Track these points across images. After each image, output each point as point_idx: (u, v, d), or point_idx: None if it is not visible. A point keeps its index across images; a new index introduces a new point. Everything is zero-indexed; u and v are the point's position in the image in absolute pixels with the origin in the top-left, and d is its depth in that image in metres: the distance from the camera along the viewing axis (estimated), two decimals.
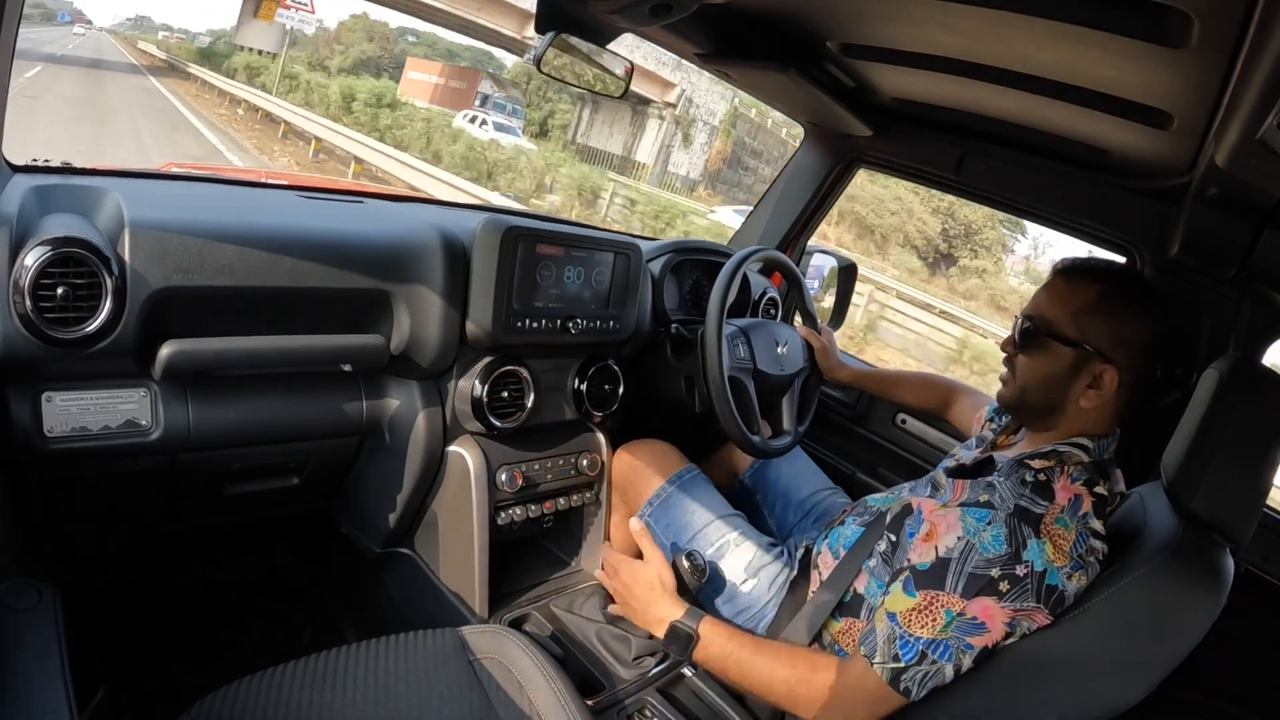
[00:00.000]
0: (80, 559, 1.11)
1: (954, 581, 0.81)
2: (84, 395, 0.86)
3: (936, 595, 0.81)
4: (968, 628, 0.80)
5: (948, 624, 0.80)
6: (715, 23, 1.13)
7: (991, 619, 0.79)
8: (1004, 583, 0.79)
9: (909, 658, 0.81)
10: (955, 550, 0.82)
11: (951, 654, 0.80)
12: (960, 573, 0.81)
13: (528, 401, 1.18)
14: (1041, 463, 0.88)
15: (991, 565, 0.80)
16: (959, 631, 0.80)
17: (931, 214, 20.50)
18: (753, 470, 1.43)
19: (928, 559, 0.84)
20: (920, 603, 0.82)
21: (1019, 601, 0.79)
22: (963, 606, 0.80)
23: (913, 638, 0.81)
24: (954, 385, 1.37)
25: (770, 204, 1.73)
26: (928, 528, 0.88)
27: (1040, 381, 0.91)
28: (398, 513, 1.18)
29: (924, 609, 0.82)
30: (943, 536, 0.85)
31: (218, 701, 0.78)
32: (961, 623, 0.80)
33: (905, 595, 0.83)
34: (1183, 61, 0.71)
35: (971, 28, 0.86)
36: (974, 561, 0.81)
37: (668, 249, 1.48)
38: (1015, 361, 0.94)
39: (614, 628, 1.14)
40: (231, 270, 0.89)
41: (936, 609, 0.81)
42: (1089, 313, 0.88)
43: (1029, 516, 0.81)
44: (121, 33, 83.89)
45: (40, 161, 0.97)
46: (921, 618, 0.81)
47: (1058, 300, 0.91)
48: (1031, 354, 0.92)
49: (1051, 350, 0.90)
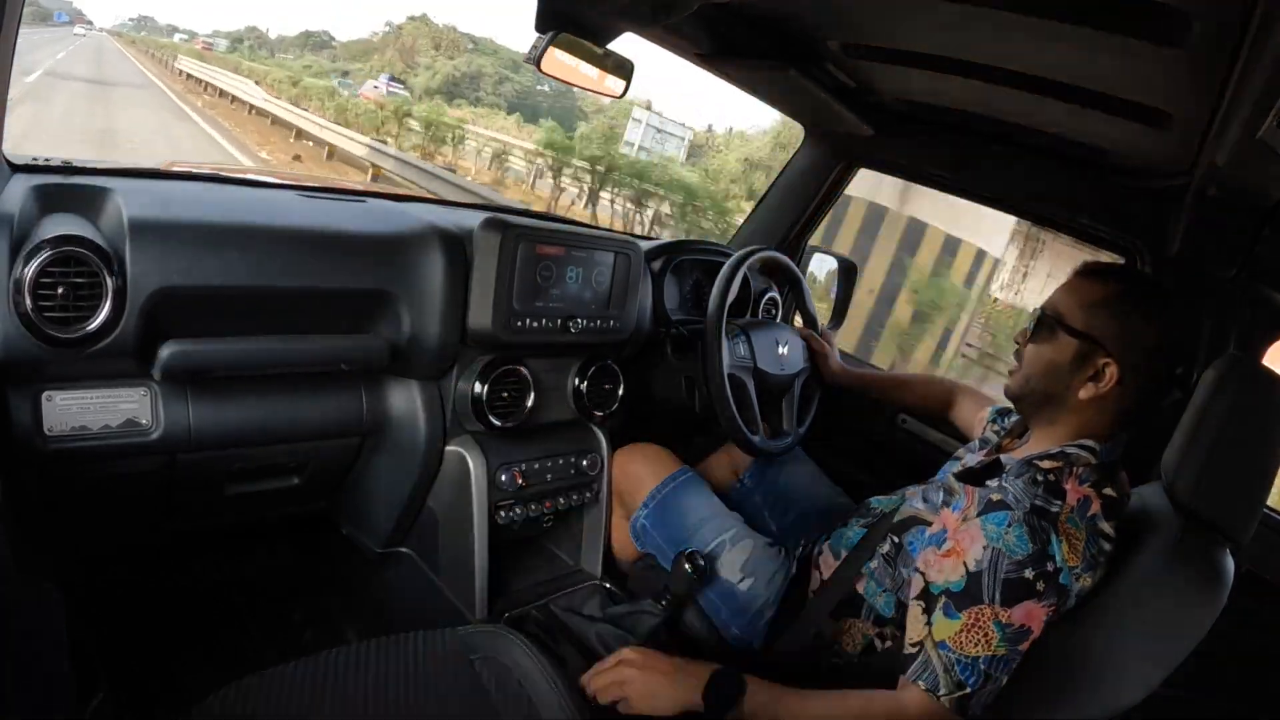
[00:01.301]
0: (81, 559, 1.11)
1: (991, 592, 0.80)
2: (84, 395, 0.86)
3: (980, 611, 0.80)
4: (1018, 636, 0.79)
5: (1001, 638, 0.79)
6: (715, 22, 1.13)
7: (1034, 620, 0.79)
8: (1040, 582, 0.79)
9: (974, 682, 0.79)
10: (985, 561, 0.81)
11: (1010, 665, 0.80)
12: (995, 581, 0.80)
13: (528, 401, 1.18)
14: (1050, 463, 0.88)
15: (1023, 567, 0.79)
16: (1010, 643, 0.79)
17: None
18: (753, 470, 1.43)
19: (958, 576, 0.83)
20: (966, 622, 0.81)
21: (1049, 599, 0.79)
22: (1008, 616, 0.79)
23: (970, 659, 0.79)
24: (956, 386, 1.37)
25: (770, 204, 1.73)
26: (951, 544, 0.87)
27: (1043, 369, 0.92)
28: (398, 512, 1.18)
29: (971, 627, 0.80)
30: (968, 551, 0.84)
31: (218, 702, 0.78)
32: (1011, 633, 0.79)
33: (949, 620, 0.82)
34: (1183, 61, 0.71)
35: (972, 28, 0.86)
36: (1005, 567, 0.80)
37: (668, 248, 1.48)
38: (1024, 352, 0.97)
39: (614, 627, 1.14)
40: (232, 270, 0.89)
41: (985, 623, 0.80)
42: (1097, 307, 0.90)
43: (1046, 515, 0.81)
44: (126, 34, 79.03)
45: (41, 160, 0.97)
46: (973, 636, 0.80)
47: (1071, 294, 0.93)
48: (1039, 343, 0.94)
49: (1058, 340, 0.91)
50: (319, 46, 65.32)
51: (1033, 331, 0.95)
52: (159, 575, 1.36)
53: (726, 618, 1.14)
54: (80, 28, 65.10)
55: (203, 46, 51.47)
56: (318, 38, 68.57)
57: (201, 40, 65.59)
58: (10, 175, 0.89)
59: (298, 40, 68.91)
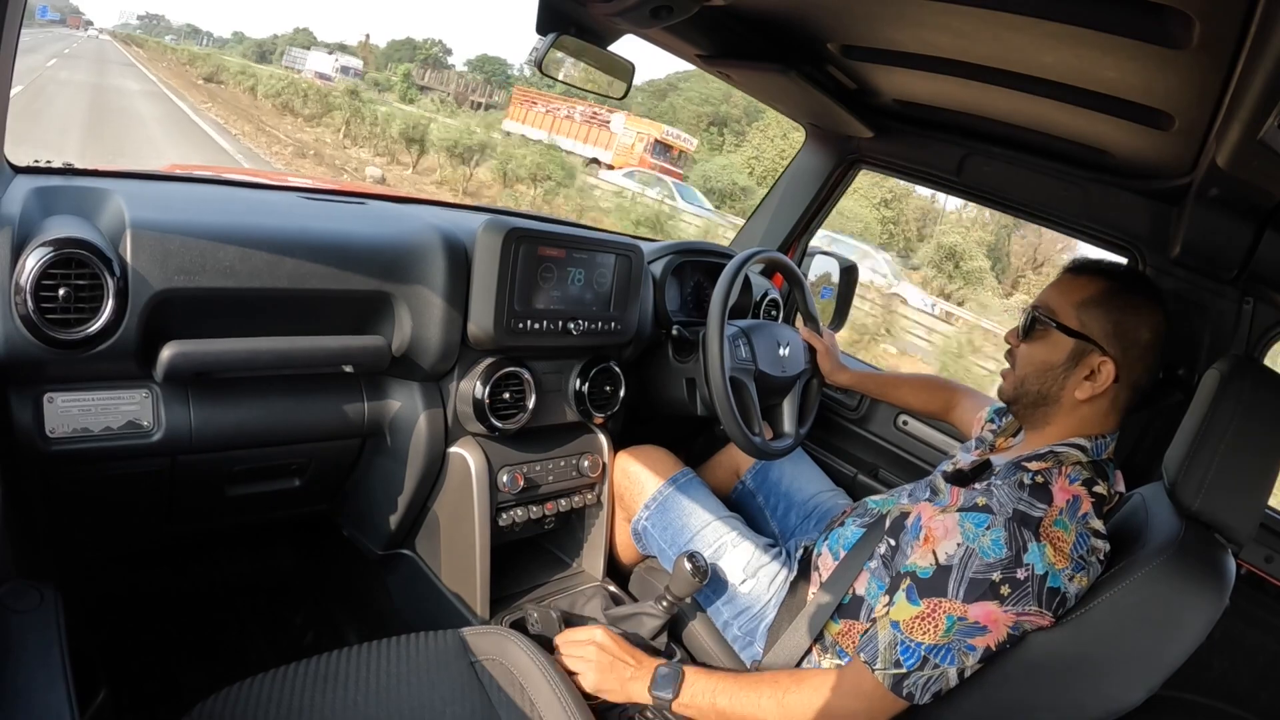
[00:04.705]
0: (82, 560, 1.11)
1: (955, 588, 0.81)
2: (85, 396, 0.86)
3: (939, 603, 0.81)
4: (968, 630, 0.80)
5: (949, 629, 0.80)
6: (716, 24, 1.13)
7: (994, 622, 0.79)
8: (1005, 586, 0.79)
9: (910, 663, 0.81)
10: (955, 557, 0.82)
11: (954, 657, 0.80)
12: (961, 579, 0.81)
13: (529, 403, 1.18)
14: (1039, 464, 0.88)
15: (992, 569, 0.80)
16: (960, 635, 0.80)
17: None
18: (754, 472, 1.43)
19: (928, 565, 0.84)
20: (924, 610, 0.82)
21: (1020, 605, 0.79)
22: (964, 611, 0.80)
23: (914, 643, 0.82)
24: (956, 387, 1.37)
25: (771, 205, 1.73)
26: (925, 533, 0.89)
27: (1038, 370, 0.92)
28: (399, 514, 1.18)
29: (927, 616, 0.82)
30: (941, 542, 0.85)
31: (219, 703, 0.78)
32: (963, 626, 0.80)
33: (909, 604, 0.83)
34: (1183, 62, 0.71)
35: (972, 29, 0.86)
36: (974, 566, 0.81)
37: (669, 250, 1.48)
38: (1017, 353, 0.97)
39: (615, 628, 1.14)
40: (233, 271, 0.89)
41: (939, 616, 0.81)
42: (1090, 305, 0.90)
43: (1028, 520, 0.81)
44: (129, 35, 72.52)
45: (42, 163, 0.97)
46: (924, 625, 0.82)
47: (1062, 293, 0.93)
48: (1032, 343, 0.94)
49: (1052, 339, 0.91)
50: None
51: (1024, 331, 0.95)
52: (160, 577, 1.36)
53: (728, 619, 1.14)
54: (80, 29, 61.26)
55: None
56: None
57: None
58: (12, 177, 0.89)
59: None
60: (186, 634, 1.34)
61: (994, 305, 13.47)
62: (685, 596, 1.05)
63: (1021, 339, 0.96)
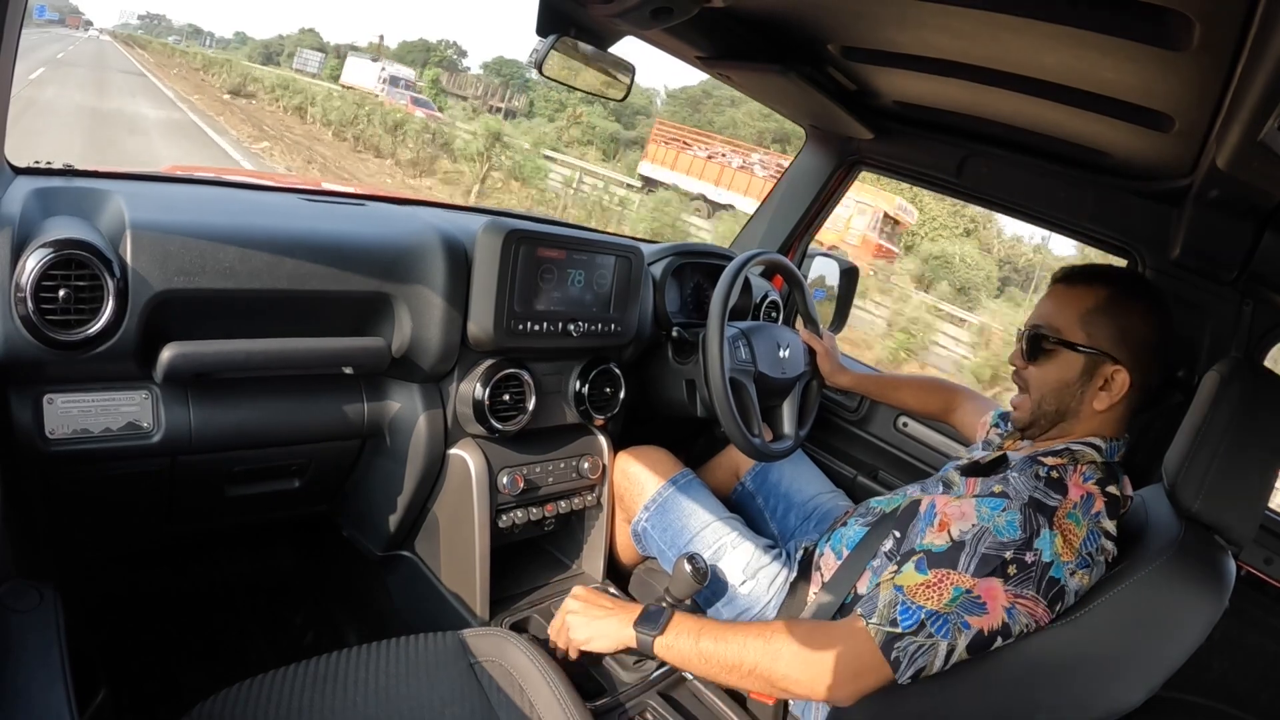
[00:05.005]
0: (82, 560, 1.11)
1: (967, 562, 0.80)
2: (85, 397, 0.86)
3: (948, 574, 0.81)
4: (970, 605, 0.79)
5: (954, 599, 0.79)
6: (716, 26, 1.13)
7: (993, 600, 0.79)
8: (1013, 566, 0.79)
9: (907, 624, 0.80)
10: (969, 534, 0.82)
11: (949, 630, 0.79)
12: (974, 553, 0.81)
13: (529, 404, 1.18)
14: (1055, 460, 0.88)
15: (1005, 548, 0.79)
16: (961, 609, 0.79)
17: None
18: (754, 473, 1.43)
19: (941, 542, 0.84)
20: (931, 579, 0.81)
21: (1020, 588, 0.78)
22: (971, 584, 0.79)
23: (915, 606, 0.80)
24: (957, 389, 1.37)
25: (771, 207, 1.73)
26: (940, 518, 0.88)
27: (1054, 390, 0.91)
28: (399, 515, 1.18)
29: (933, 585, 0.81)
30: (956, 522, 0.84)
31: (219, 704, 0.78)
32: (966, 600, 0.79)
33: (917, 572, 0.83)
34: (1183, 64, 0.71)
35: (972, 31, 0.86)
36: (988, 543, 0.80)
37: (669, 252, 1.48)
38: (1026, 374, 0.94)
39: None
40: (233, 273, 0.89)
41: (945, 585, 0.80)
42: (1095, 315, 0.89)
43: (1043, 508, 0.81)
44: (130, 36, 70.07)
45: (43, 164, 0.97)
46: (929, 591, 0.81)
47: (1061, 306, 0.91)
48: (1042, 364, 0.92)
49: (1061, 357, 0.90)
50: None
51: (1030, 353, 0.93)
52: (160, 577, 1.36)
53: (727, 619, 1.14)
54: (79, 29, 60.24)
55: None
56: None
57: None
58: (13, 178, 0.89)
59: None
60: (186, 634, 1.34)
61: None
62: (685, 598, 1.05)
63: (1028, 361, 0.93)
